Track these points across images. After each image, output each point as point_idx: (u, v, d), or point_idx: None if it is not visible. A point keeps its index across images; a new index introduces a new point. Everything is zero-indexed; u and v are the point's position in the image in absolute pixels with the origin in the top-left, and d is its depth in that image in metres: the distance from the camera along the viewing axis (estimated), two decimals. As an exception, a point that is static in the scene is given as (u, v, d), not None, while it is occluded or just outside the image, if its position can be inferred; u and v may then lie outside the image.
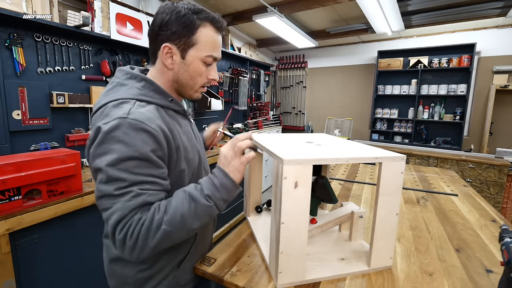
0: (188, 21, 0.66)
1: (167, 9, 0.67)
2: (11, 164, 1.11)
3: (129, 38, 2.14)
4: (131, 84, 0.69)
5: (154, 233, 0.59)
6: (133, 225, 0.58)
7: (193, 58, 0.70)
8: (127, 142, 0.59)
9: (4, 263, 1.14)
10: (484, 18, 3.19)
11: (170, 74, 0.72)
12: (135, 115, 0.61)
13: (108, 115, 0.62)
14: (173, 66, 0.70)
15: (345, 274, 0.81)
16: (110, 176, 0.58)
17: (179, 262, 0.79)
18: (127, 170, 0.59)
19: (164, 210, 0.61)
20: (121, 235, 0.58)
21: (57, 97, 1.77)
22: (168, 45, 0.68)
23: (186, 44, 0.68)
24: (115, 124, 0.59)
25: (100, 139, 0.60)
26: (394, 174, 0.78)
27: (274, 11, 3.01)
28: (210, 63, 0.73)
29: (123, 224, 0.58)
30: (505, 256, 0.60)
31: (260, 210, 1.20)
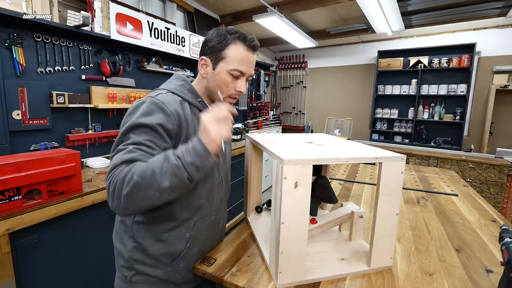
0: (222, 39, 0.79)
1: (216, 29, 0.82)
2: (11, 164, 1.11)
3: (129, 38, 2.14)
4: (174, 82, 0.85)
5: (127, 183, 0.63)
6: (116, 174, 0.65)
7: (221, 69, 0.80)
8: (145, 113, 0.72)
9: (4, 263, 1.14)
10: (484, 18, 3.19)
11: (204, 82, 0.86)
12: (159, 97, 0.75)
13: (144, 98, 0.77)
14: (206, 75, 0.84)
15: (345, 274, 0.81)
16: (123, 134, 0.71)
17: (172, 258, 0.82)
18: (135, 132, 0.70)
19: (142, 165, 0.65)
20: (107, 182, 0.66)
21: (57, 97, 1.77)
22: (204, 57, 0.82)
23: (217, 57, 0.80)
24: (143, 100, 0.75)
25: (130, 109, 0.75)
26: (394, 174, 0.78)
27: (274, 11, 3.01)
28: (237, 76, 0.81)
29: (112, 174, 0.66)
30: (505, 256, 0.60)
31: (260, 210, 1.20)
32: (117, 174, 0.65)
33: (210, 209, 0.89)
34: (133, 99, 2.27)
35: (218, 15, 3.69)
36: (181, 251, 0.83)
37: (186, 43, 2.72)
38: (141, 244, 0.80)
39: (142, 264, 0.81)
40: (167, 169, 0.63)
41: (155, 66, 2.57)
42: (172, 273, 0.82)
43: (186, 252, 0.84)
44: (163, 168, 0.63)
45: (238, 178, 2.91)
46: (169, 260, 0.81)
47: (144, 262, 0.81)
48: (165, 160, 0.64)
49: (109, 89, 2.11)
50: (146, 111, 0.72)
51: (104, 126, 2.15)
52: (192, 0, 3.21)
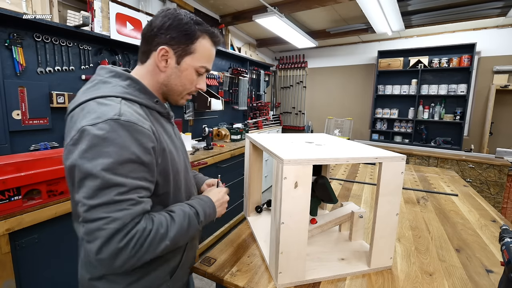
0: (190, 30, 0.69)
1: (170, 14, 0.69)
2: (11, 164, 1.11)
3: (129, 38, 2.14)
4: (115, 82, 0.67)
5: (157, 246, 0.60)
6: (138, 234, 0.57)
7: (187, 65, 0.71)
8: (122, 144, 0.57)
9: (4, 263, 1.14)
10: (484, 18, 3.19)
11: (161, 77, 0.72)
12: (126, 116, 0.59)
13: (94, 114, 0.58)
14: (166, 69, 0.71)
15: (345, 274, 0.81)
16: (108, 181, 0.54)
17: (172, 272, 0.77)
18: (124, 174, 0.57)
19: (167, 225, 0.63)
20: (122, 244, 0.55)
21: (57, 97, 1.77)
22: (165, 48, 0.68)
23: (184, 51, 0.70)
24: (106, 125, 0.56)
25: (90, 142, 0.56)
26: (394, 174, 0.78)
27: (274, 11, 3.01)
28: (201, 73, 0.75)
29: (124, 233, 0.55)
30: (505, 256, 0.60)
31: (260, 210, 1.20)
32: (138, 234, 0.57)
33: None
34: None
35: (218, 15, 3.69)
36: (178, 262, 0.78)
37: (186, 43, 2.72)
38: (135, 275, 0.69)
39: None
40: (190, 231, 0.69)
41: (155, 66, 2.57)
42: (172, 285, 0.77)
43: (184, 260, 0.80)
44: (187, 230, 0.67)
45: (238, 178, 2.91)
46: (169, 276, 0.75)
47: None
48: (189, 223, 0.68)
49: (109, 89, 2.10)
50: (121, 141, 0.56)
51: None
52: (192, 0, 3.21)
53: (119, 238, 0.55)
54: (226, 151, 2.69)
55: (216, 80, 3.36)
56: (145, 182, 0.61)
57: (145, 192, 0.61)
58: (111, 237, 0.54)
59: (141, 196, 0.60)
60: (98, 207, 0.54)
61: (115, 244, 0.54)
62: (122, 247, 0.55)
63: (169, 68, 0.71)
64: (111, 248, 0.54)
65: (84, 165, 0.55)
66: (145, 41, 0.71)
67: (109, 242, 0.54)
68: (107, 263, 0.55)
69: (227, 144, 3.05)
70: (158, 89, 0.74)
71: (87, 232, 0.55)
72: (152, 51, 0.70)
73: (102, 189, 0.55)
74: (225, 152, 2.66)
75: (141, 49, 0.73)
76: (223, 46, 3.67)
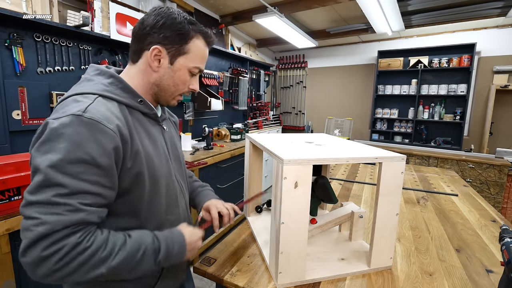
0: (183, 30, 0.67)
1: (163, 12, 0.66)
2: (11, 164, 1.12)
3: (129, 38, 2.13)
4: (98, 80, 0.65)
5: (88, 270, 0.52)
6: (67, 248, 0.50)
7: (181, 66, 0.69)
8: (77, 142, 0.52)
9: (4, 263, 1.14)
10: (484, 18, 3.19)
11: (153, 77, 0.69)
12: (91, 113, 0.55)
13: (63, 109, 0.56)
14: (159, 69, 0.69)
15: (345, 274, 0.81)
16: (50, 179, 0.50)
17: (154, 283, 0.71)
18: (71, 174, 0.51)
19: (111, 250, 0.55)
20: (46, 253, 0.49)
21: (57, 97, 1.77)
22: (159, 47, 0.66)
23: (177, 51, 0.68)
24: (66, 120, 0.53)
25: (46, 135, 0.53)
26: (394, 174, 0.78)
27: (274, 11, 3.01)
28: (195, 73, 0.73)
29: (51, 241, 0.49)
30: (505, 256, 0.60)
31: (260, 210, 1.20)
32: (67, 249, 0.50)
33: (177, 222, 0.75)
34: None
35: (218, 15, 3.69)
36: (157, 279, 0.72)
37: (186, 43, 2.72)
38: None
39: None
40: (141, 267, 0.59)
41: (155, 66, 2.57)
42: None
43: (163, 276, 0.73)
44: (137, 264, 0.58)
45: (238, 178, 2.91)
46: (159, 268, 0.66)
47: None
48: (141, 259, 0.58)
49: (109, 89, 2.11)
50: (76, 138, 0.52)
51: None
52: (192, 0, 3.21)
53: (44, 245, 0.49)
54: (226, 151, 2.69)
55: (216, 80, 3.36)
56: (96, 187, 0.55)
57: (94, 198, 0.55)
58: (36, 241, 0.49)
59: (85, 203, 0.53)
60: (33, 205, 0.50)
61: (39, 251, 0.49)
62: (45, 257, 0.49)
63: (162, 68, 0.68)
64: (34, 254, 0.49)
65: (35, 159, 0.53)
66: (137, 40, 0.68)
67: (34, 246, 0.49)
68: (29, 268, 0.50)
69: (227, 144, 3.05)
70: (149, 89, 0.71)
71: (21, 228, 0.51)
72: (144, 50, 0.68)
73: (42, 186, 0.51)
74: (225, 152, 2.66)
75: (132, 48, 0.70)
76: (223, 46, 3.67)
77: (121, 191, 0.62)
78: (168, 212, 0.74)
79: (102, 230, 0.58)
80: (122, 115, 0.62)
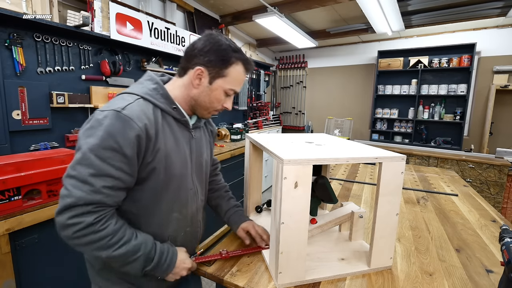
0: (226, 56, 0.76)
1: (211, 38, 0.76)
2: (11, 164, 1.11)
3: (129, 38, 2.14)
4: (146, 84, 0.77)
5: (94, 249, 0.65)
6: (83, 225, 0.62)
7: (218, 86, 0.78)
8: (111, 132, 0.63)
9: (4, 263, 1.14)
10: (484, 18, 3.19)
11: (193, 92, 0.79)
12: (128, 111, 0.66)
13: (110, 103, 0.69)
14: (199, 87, 0.78)
15: (345, 274, 0.81)
16: (86, 158, 0.62)
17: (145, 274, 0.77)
18: (101, 158, 0.63)
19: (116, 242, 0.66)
20: (69, 222, 0.61)
21: (57, 97, 1.77)
22: (202, 68, 0.76)
23: (217, 73, 0.76)
24: (108, 114, 0.65)
25: (92, 123, 0.66)
26: (394, 174, 0.78)
27: (274, 11, 3.01)
28: (230, 94, 0.81)
29: (74, 213, 0.61)
30: (505, 256, 0.60)
31: (260, 210, 1.20)
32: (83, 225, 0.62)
33: (184, 222, 0.84)
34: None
35: (218, 15, 3.69)
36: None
37: (186, 43, 2.72)
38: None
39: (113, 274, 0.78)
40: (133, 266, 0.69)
41: (155, 66, 2.57)
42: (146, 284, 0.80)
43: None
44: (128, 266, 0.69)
45: (238, 178, 2.91)
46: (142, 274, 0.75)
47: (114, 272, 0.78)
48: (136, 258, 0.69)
49: (109, 89, 2.11)
50: (111, 129, 0.63)
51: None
52: (192, 0, 3.21)
53: (69, 215, 0.61)
54: (226, 151, 2.69)
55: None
56: (118, 172, 0.65)
57: (115, 182, 0.65)
58: (65, 209, 0.62)
59: (106, 185, 0.64)
60: (69, 178, 0.63)
61: (65, 219, 0.62)
62: (68, 225, 0.62)
63: (201, 86, 0.78)
64: (62, 220, 0.62)
65: (80, 139, 0.65)
66: (186, 58, 0.79)
67: (63, 213, 0.62)
68: (58, 228, 0.63)
69: (227, 144, 3.05)
70: (188, 101, 0.80)
71: (60, 194, 0.63)
72: (190, 68, 0.77)
73: (79, 163, 0.63)
74: (225, 152, 2.66)
75: (181, 64, 0.81)
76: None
77: (139, 180, 0.72)
78: (175, 209, 0.81)
79: (117, 220, 0.68)
80: (153, 116, 0.71)
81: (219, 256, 0.86)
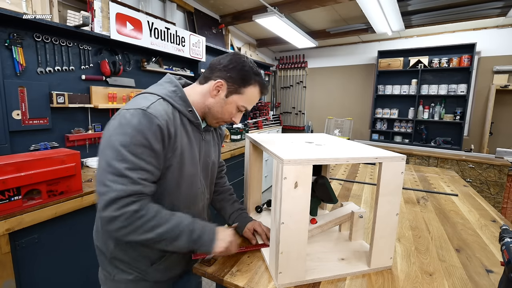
0: (247, 77, 0.83)
1: (237, 58, 0.84)
2: (11, 164, 1.11)
3: (129, 38, 2.14)
4: (166, 86, 0.83)
5: (142, 233, 0.69)
6: (129, 214, 0.67)
7: (232, 101, 0.84)
8: (140, 129, 0.69)
9: (4, 263, 1.14)
10: (484, 18, 3.19)
11: (209, 101, 0.85)
12: (152, 109, 0.72)
13: (133, 103, 0.74)
14: (215, 97, 0.84)
15: (345, 274, 0.81)
16: (120, 154, 0.67)
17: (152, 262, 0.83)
18: (135, 153, 0.68)
19: (159, 221, 0.71)
20: (117, 213, 0.66)
21: (57, 97, 1.77)
22: (222, 82, 0.82)
23: (235, 90, 0.83)
24: (135, 112, 0.70)
25: (120, 120, 0.70)
26: (394, 174, 0.78)
27: (274, 11, 3.01)
28: (241, 110, 0.88)
29: (119, 205, 0.66)
30: (505, 256, 0.60)
31: (260, 210, 1.20)
32: (129, 213, 0.66)
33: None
34: (133, 99, 2.26)
35: (218, 15, 3.69)
36: (162, 256, 0.84)
37: (186, 43, 2.72)
38: (122, 245, 0.81)
39: (123, 263, 0.82)
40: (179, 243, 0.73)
41: (155, 66, 2.57)
42: (153, 274, 0.84)
43: (167, 257, 0.85)
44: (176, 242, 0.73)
45: (238, 178, 2.91)
46: (149, 262, 0.83)
47: (125, 261, 0.82)
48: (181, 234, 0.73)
49: (109, 89, 2.11)
50: (140, 127, 0.69)
51: (104, 126, 2.14)
52: (192, 0, 3.21)
53: (115, 207, 0.66)
54: (226, 151, 2.69)
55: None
56: (150, 166, 0.71)
57: (148, 175, 0.71)
58: (109, 203, 0.66)
59: (142, 178, 0.69)
60: (107, 173, 0.67)
61: (111, 211, 0.66)
62: (116, 216, 0.66)
63: (218, 97, 0.84)
64: (108, 213, 0.66)
65: (110, 137, 0.70)
66: (210, 69, 0.86)
67: (108, 207, 0.66)
68: (105, 222, 0.67)
69: (227, 144, 3.05)
70: (202, 107, 0.86)
71: (96, 192, 0.68)
72: (211, 79, 0.84)
73: (114, 159, 0.67)
74: (225, 152, 2.66)
75: (204, 73, 0.87)
76: (223, 46, 3.67)
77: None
78: (185, 206, 0.85)
79: (154, 205, 0.73)
80: (172, 116, 0.77)
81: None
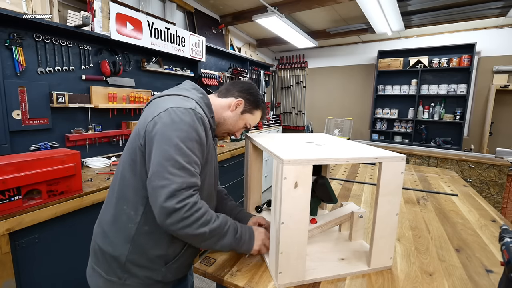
0: (258, 102, 1.00)
1: (254, 88, 1.02)
2: (11, 164, 1.11)
3: (129, 38, 2.14)
4: (193, 92, 0.91)
5: (199, 226, 0.72)
6: (190, 205, 0.70)
7: (244, 118, 0.99)
8: (193, 127, 0.76)
9: (4, 263, 1.14)
10: (484, 18, 3.19)
11: (226, 113, 0.97)
12: (198, 110, 0.81)
13: (178, 102, 0.79)
14: (233, 112, 0.97)
15: (345, 274, 0.81)
16: (179, 148, 0.72)
17: (167, 261, 0.84)
18: (190, 148, 0.74)
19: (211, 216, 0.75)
20: (179, 205, 0.68)
21: (57, 97, 1.77)
22: (242, 101, 0.97)
23: (249, 109, 0.99)
24: (186, 112, 0.77)
25: (174, 117, 0.75)
26: (394, 174, 0.78)
27: (274, 11, 3.01)
28: (245, 127, 1.03)
29: (181, 197, 0.69)
30: (505, 256, 0.60)
31: (260, 210, 1.20)
32: (190, 205, 0.70)
33: None
34: (133, 99, 2.26)
35: (218, 15, 3.69)
36: (177, 253, 0.85)
37: (186, 43, 2.72)
38: (140, 247, 0.80)
39: (137, 267, 0.81)
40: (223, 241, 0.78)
41: (155, 66, 2.57)
42: (165, 274, 0.84)
43: (182, 254, 0.86)
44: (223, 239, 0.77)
45: (238, 178, 2.91)
46: (164, 262, 0.83)
47: (139, 264, 0.81)
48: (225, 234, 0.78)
49: (109, 89, 2.11)
50: (193, 125, 0.76)
51: (104, 126, 2.15)
52: (192, 0, 3.21)
53: (177, 200, 0.68)
54: (226, 151, 2.69)
55: (216, 80, 3.35)
56: (199, 160, 0.78)
57: (199, 168, 0.77)
58: (171, 196, 0.68)
59: (196, 171, 0.75)
60: (166, 167, 0.70)
61: (174, 203, 0.68)
62: (178, 208, 0.68)
63: (235, 112, 0.97)
64: (171, 205, 0.68)
65: (165, 133, 0.73)
66: (233, 87, 0.99)
67: (171, 199, 0.68)
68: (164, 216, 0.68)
69: (227, 144, 3.05)
70: (218, 118, 0.96)
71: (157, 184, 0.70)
72: (233, 96, 0.98)
73: (174, 153, 0.71)
74: (225, 152, 2.66)
75: (227, 87, 1.00)
76: (223, 46, 3.67)
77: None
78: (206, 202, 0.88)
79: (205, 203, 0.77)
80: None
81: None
